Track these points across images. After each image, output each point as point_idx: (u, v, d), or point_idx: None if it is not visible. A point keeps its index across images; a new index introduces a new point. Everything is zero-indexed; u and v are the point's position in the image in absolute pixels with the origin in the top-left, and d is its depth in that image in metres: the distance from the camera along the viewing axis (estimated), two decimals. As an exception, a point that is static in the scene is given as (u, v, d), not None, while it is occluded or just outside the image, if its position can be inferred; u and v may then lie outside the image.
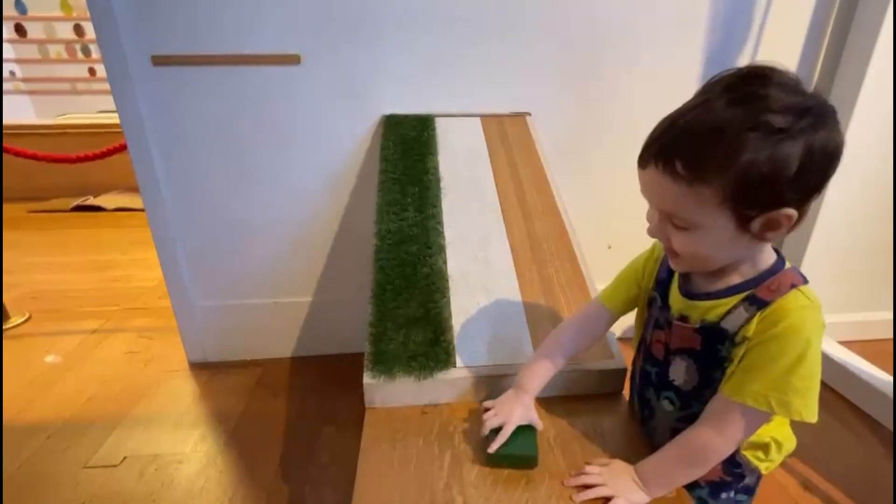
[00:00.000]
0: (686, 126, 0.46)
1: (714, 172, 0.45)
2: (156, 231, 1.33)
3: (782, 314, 0.49)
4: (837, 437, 1.22)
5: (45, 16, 3.88)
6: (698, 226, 0.48)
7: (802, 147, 0.43)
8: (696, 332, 0.55)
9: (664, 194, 0.49)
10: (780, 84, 0.44)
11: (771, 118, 0.43)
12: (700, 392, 0.56)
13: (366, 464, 0.63)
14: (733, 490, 0.61)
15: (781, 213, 0.46)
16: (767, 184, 0.44)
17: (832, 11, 1.31)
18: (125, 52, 1.15)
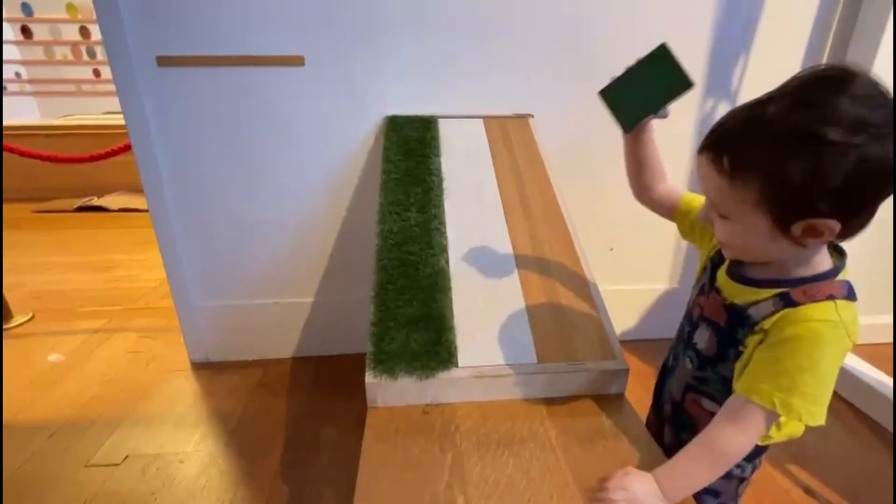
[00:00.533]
0: (742, 122, 0.47)
1: (753, 173, 0.45)
2: (159, 231, 1.34)
3: (803, 318, 0.49)
4: (840, 441, 1.22)
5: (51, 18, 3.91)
6: (736, 220, 0.50)
7: (852, 162, 0.41)
8: (724, 308, 0.57)
9: (709, 184, 0.50)
10: (852, 92, 0.42)
11: (825, 130, 0.41)
12: (714, 361, 0.59)
13: (367, 463, 0.63)
14: None
15: (823, 223, 0.44)
16: (803, 193, 0.43)
17: (835, 16, 1.31)
18: (130, 53, 1.16)
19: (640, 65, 0.66)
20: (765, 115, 0.45)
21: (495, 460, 0.63)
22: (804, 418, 0.50)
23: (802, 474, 1.10)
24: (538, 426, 0.68)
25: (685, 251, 1.56)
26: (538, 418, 0.70)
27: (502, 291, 0.85)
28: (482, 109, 1.30)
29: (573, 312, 0.83)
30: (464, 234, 0.96)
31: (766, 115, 0.45)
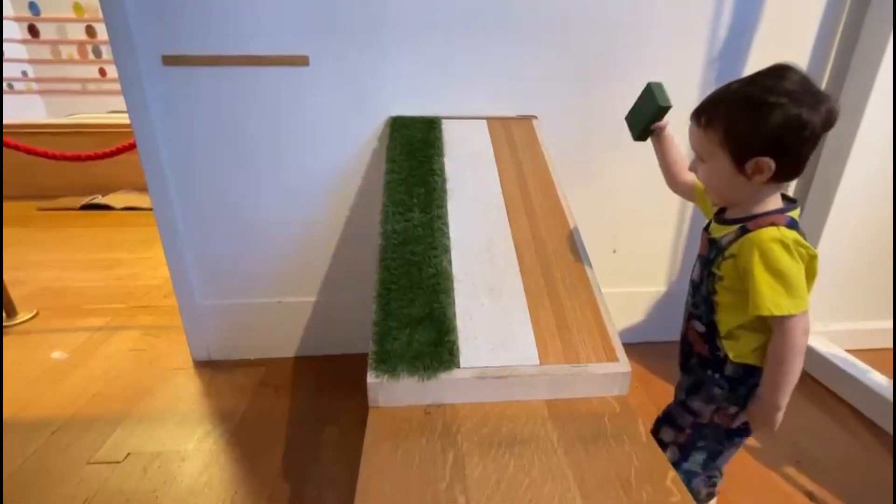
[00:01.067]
0: (714, 94, 0.69)
1: (719, 123, 0.66)
2: (163, 229, 1.34)
3: (752, 238, 0.67)
4: (842, 445, 1.21)
5: (58, 17, 3.94)
6: (709, 158, 0.69)
7: (780, 117, 0.62)
8: (707, 242, 0.76)
9: (693, 137, 0.71)
10: (785, 76, 0.63)
11: (765, 95, 0.62)
12: (699, 286, 0.77)
13: (368, 463, 0.63)
14: (717, 372, 0.77)
15: (763, 160, 0.64)
16: (750, 137, 0.64)
17: (839, 22, 1.31)
18: (136, 52, 1.16)
19: (640, 96, 0.92)
20: (729, 88, 0.67)
21: (497, 461, 0.63)
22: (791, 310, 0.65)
23: (804, 479, 1.10)
24: (540, 427, 0.68)
25: (689, 255, 1.56)
26: (540, 420, 0.70)
27: (505, 292, 0.85)
28: (486, 110, 1.30)
29: (576, 314, 0.83)
30: (467, 234, 0.96)
31: (730, 88, 0.67)
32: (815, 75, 1.37)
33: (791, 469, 1.12)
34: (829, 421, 1.30)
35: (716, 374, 0.76)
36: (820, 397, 1.39)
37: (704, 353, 0.78)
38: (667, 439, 0.84)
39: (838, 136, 1.38)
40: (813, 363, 1.48)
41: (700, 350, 0.78)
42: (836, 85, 1.37)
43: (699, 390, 0.79)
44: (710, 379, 0.77)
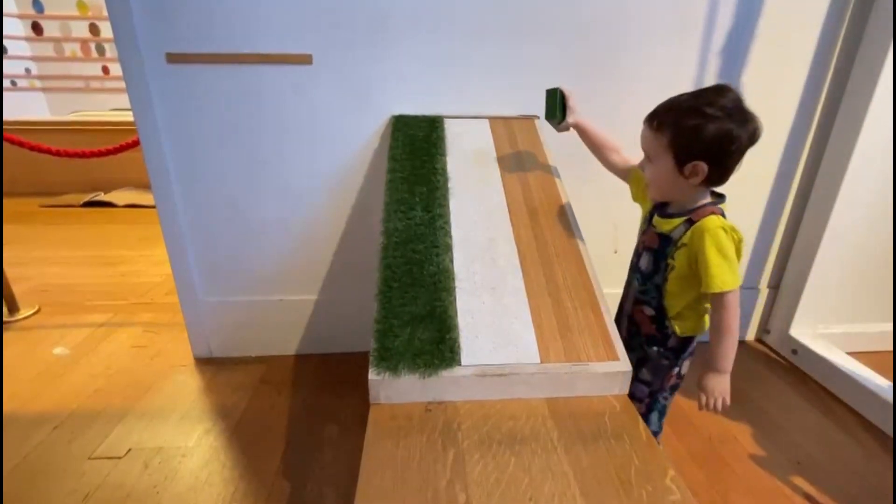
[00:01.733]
0: (665, 104, 0.80)
1: (666, 128, 0.78)
2: (165, 226, 1.35)
3: (700, 226, 0.79)
4: (843, 449, 1.21)
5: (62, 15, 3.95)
6: (656, 158, 0.81)
7: (715, 127, 0.73)
8: (657, 236, 0.85)
9: (645, 138, 0.82)
10: (724, 94, 0.75)
11: (705, 108, 0.74)
12: (651, 276, 0.87)
13: (369, 460, 0.63)
14: (661, 347, 0.89)
15: (699, 165, 0.76)
16: (691, 143, 0.75)
17: (842, 24, 1.31)
18: (140, 49, 1.17)
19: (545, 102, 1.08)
20: (679, 99, 0.78)
21: (497, 459, 0.63)
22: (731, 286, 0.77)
23: (804, 481, 1.10)
24: (540, 426, 0.69)
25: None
26: (540, 418, 0.70)
27: (506, 291, 0.85)
28: (488, 110, 1.30)
29: (577, 313, 0.83)
30: (468, 233, 0.96)
31: (680, 98, 0.78)
32: (817, 78, 1.37)
33: (791, 471, 1.12)
34: (829, 423, 1.29)
35: (661, 349, 0.89)
36: (820, 399, 1.39)
37: (652, 333, 0.90)
38: None
39: (839, 140, 1.38)
40: (813, 365, 1.48)
41: (648, 330, 0.90)
42: (837, 88, 1.37)
43: (645, 364, 0.91)
44: (656, 353, 0.90)
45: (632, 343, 0.90)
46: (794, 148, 1.45)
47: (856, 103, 1.33)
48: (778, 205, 1.52)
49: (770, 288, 1.63)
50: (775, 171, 1.47)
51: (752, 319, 1.66)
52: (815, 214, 1.47)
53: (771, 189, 1.49)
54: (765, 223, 1.54)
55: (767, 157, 1.45)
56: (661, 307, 0.86)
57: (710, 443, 1.21)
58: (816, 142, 1.44)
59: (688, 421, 1.28)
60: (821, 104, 1.40)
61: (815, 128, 1.43)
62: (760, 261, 1.60)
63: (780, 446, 1.20)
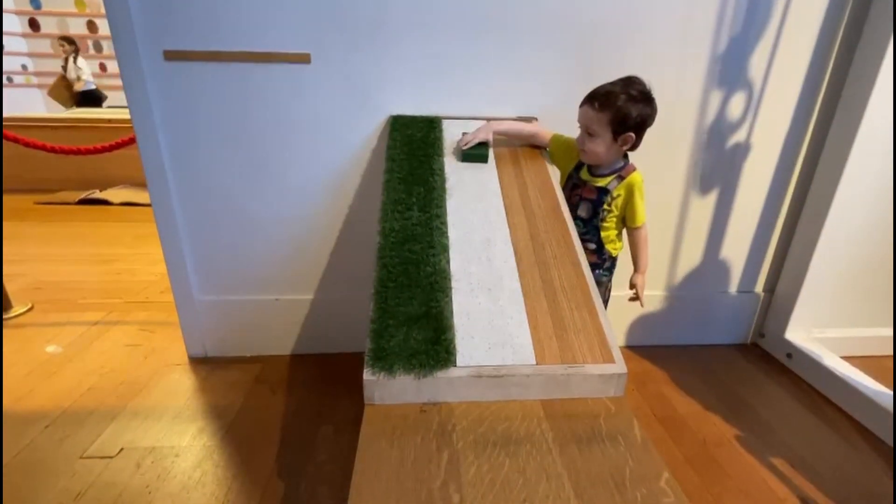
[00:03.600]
0: (603, 90, 1.03)
1: (608, 108, 1.01)
2: (161, 225, 1.34)
3: (630, 180, 1.08)
4: (837, 452, 1.21)
5: (59, 11, 3.94)
6: (598, 134, 1.04)
7: (640, 108, 1.01)
8: (595, 189, 1.10)
9: (588, 117, 1.05)
10: (640, 83, 1.03)
11: (632, 92, 1.01)
12: (591, 220, 1.13)
13: (363, 460, 0.63)
14: (601, 269, 1.17)
15: (629, 135, 1.03)
16: (624, 118, 1.01)
17: (841, 23, 1.32)
18: (138, 46, 1.16)
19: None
20: (615, 86, 1.03)
21: (491, 460, 0.63)
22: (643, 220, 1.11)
23: (798, 485, 1.10)
24: (535, 427, 0.68)
25: (686, 259, 1.56)
26: (535, 419, 0.70)
27: (502, 292, 0.85)
28: (486, 111, 1.30)
29: (573, 315, 0.83)
30: (465, 234, 0.96)
31: (616, 85, 1.03)
32: (814, 82, 1.37)
33: (785, 474, 1.13)
34: (823, 427, 1.30)
35: (601, 271, 1.17)
36: (814, 403, 1.39)
37: (594, 260, 1.16)
38: None
39: (836, 144, 1.39)
40: (808, 369, 1.48)
41: (591, 259, 1.14)
42: (834, 93, 1.38)
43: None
44: (598, 275, 1.16)
45: None
46: (791, 153, 1.46)
47: (852, 108, 1.34)
48: (774, 209, 1.53)
49: (765, 292, 1.64)
50: (771, 176, 1.48)
51: (748, 323, 1.67)
52: (811, 219, 1.47)
53: (767, 193, 1.50)
54: (760, 227, 1.55)
55: (763, 162, 1.46)
56: (599, 240, 1.14)
57: (704, 446, 1.21)
58: (812, 146, 1.45)
59: (682, 424, 1.28)
60: (817, 109, 1.41)
61: (811, 132, 1.44)
62: (756, 265, 1.61)
63: (774, 449, 1.20)
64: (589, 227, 1.13)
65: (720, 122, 1.39)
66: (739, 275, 1.61)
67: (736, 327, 1.67)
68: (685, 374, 1.50)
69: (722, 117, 1.38)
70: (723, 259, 1.58)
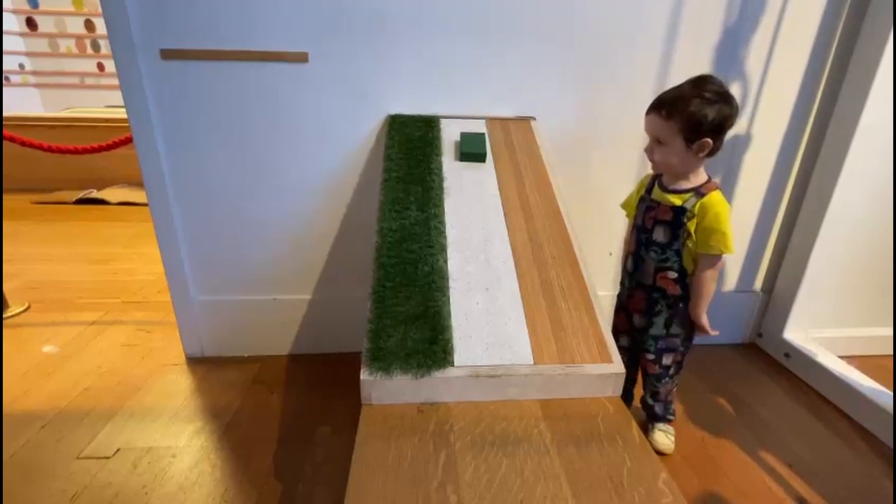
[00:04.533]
0: (669, 95, 0.95)
1: (678, 115, 0.92)
2: (158, 224, 1.34)
3: (710, 200, 0.96)
4: (835, 452, 1.21)
5: (57, 10, 3.92)
6: (668, 143, 0.95)
7: (716, 110, 0.90)
8: (670, 209, 0.99)
9: (655, 126, 0.96)
10: (713, 82, 0.93)
11: (705, 94, 0.91)
12: (671, 244, 1.01)
13: (360, 461, 0.63)
14: (682, 302, 1.05)
15: (706, 141, 0.92)
16: (698, 123, 0.91)
17: (839, 22, 1.32)
18: (135, 45, 1.16)
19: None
20: (682, 90, 0.93)
21: (489, 461, 0.63)
22: (729, 249, 0.96)
23: (795, 485, 1.10)
24: (533, 427, 0.68)
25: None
26: (533, 419, 0.70)
27: (500, 292, 0.85)
28: (485, 111, 1.30)
29: (571, 315, 0.83)
30: (463, 233, 0.96)
31: (683, 90, 0.94)
32: (812, 81, 1.37)
33: (783, 473, 1.13)
34: (820, 426, 1.30)
35: (683, 304, 1.05)
36: (812, 403, 1.39)
37: (677, 293, 1.04)
38: (668, 362, 1.10)
39: (834, 143, 1.39)
40: (806, 369, 1.48)
41: (674, 291, 1.04)
42: (833, 91, 1.38)
43: (674, 319, 1.06)
44: (682, 308, 1.05)
45: (657, 308, 1.06)
46: (789, 151, 1.46)
47: (851, 107, 1.34)
48: (772, 208, 1.53)
49: (763, 291, 1.64)
50: (769, 175, 1.48)
51: (745, 322, 1.67)
52: (809, 218, 1.47)
53: (765, 192, 1.50)
54: (759, 226, 1.55)
55: (762, 161, 1.46)
56: (681, 268, 1.01)
57: (702, 445, 1.21)
58: (811, 146, 1.45)
59: (680, 424, 1.28)
60: (815, 107, 1.41)
61: (809, 132, 1.44)
62: (754, 264, 1.61)
63: (771, 449, 1.20)
64: (669, 252, 1.00)
65: (718, 122, 1.39)
66: (737, 274, 1.61)
67: (734, 327, 1.67)
68: (683, 374, 1.50)
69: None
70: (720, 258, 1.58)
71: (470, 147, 1.14)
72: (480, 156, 1.14)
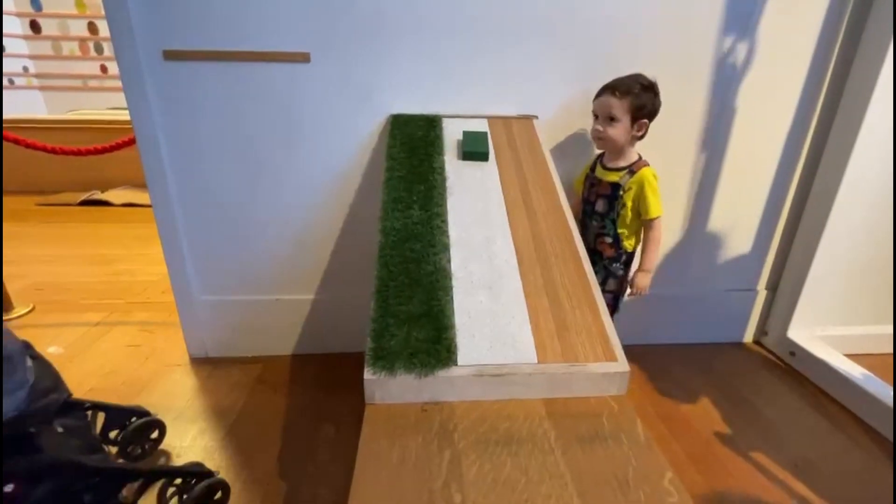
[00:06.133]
0: (620, 80, 1.14)
1: (629, 96, 1.11)
2: (161, 225, 1.34)
3: (641, 175, 1.16)
4: (841, 451, 1.20)
5: (60, 13, 3.94)
6: (619, 119, 1.13)
7: (651, 97, 1.12)
8: (609, 185, 1.18)
9: (611, 104, 1.13)
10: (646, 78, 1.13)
11: (644, 83, 1.12)
12: (608, 214, 1.20)
13: (364, 460, 0.62)
14: (619, 262, 1.24)
15: (644, 122, 1.13)
16: (642, 107, 1.12)
17: (841, 24, 1.31)
18: (137, 46, 1.16)
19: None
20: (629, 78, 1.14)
21: (493, 460, 0.62)
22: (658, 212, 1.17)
23: (801, 484, 1.09)
24: (537, 426, 0.68)
25: (688, 257, 1.55)
26: (537, 419, 0.69)
27: (503, 291, 0.85)
28: (487, 109, 1.30)
29: (574, 313, 0.82)
30: (466, 232, 0.96)
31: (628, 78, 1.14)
32: (816, 80, 1.37)
33: (788, 473, 1.12)
34: (826, 425, 1.29)
35: (618, 264, 1.24)
36: (818, 401, 1.38)
37: (612, 255, 1.23)
38: None
39: (837, 142, 1.38)
40: (811, 367, 1.48)
41: (609, 253, 1.23)
42: (836, 90, 1.37)
43: (609, 278, 1.25)
44: (616, 268, 1.24)
45: (596, 268, 1.20)
46: (793, 150, 1.45)
47: (854, 105, 1.33)
48: (776, 206, 1.52)
49: (768, 290, 1.63)
50: (773, 173, 1.47)
51: (750, 321, 1.66)
52: (814, 216, 1.47)
53: (769, 190, 1.49)
54: (763, 225, 1.54)
55: (765, 159, 1.45)
56: (616, 235, 1.20)
57: (707, 444, 1.20)
58: (814, 144, 1.44)
59: (685, 423, 1.27)
60: (819, 106, 1.40)
61: (813, 130, 1.43)
62: (758, 262, 1.60)
63: (777, 448, 1.19)
64: (605, 221, 1.20)
65: (721, 121, 1.38)
66: (742, 273, 1.61)
67: (738, 325, 1.67)
68: (687, 373, 1.49)
69: (723, 115, 1.38)
70: (725, 257, 1.57)
71: (472, 146, 1.14)
72: (483, 155, 1.14)
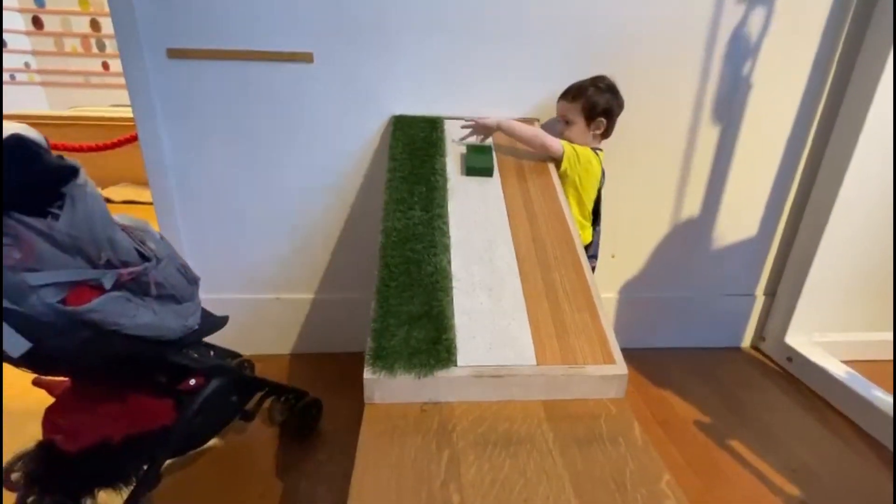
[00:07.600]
0: (573, 86, 1.20)
1: (580, 98, 1.17)
2: (162, 223, 1.34)
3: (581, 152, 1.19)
4: (838, 457, 1.21)
5: (63, 10, 3.95)
6: (574, 122, 1.18)
7: (606, 98, 1.17)
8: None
9: (565, 108, 1.20)
10: (605, 80, 1.19)
11: (599, 85, 1.17)
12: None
13: (363, 460, 0.63)
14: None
15: (601, 121, 1.18)
16: (594, 106, 1.16)
17: (843, 28, 1.32)
18: (141, 44, 1.17)
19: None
20: (582, 82, 1.19)
21: (492, 460, 0.63)
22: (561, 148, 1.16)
23: (799, 489, 1.09)
24: (536, 428, 0.68)
25: (686, 262, 1.56)
26: (536, 420, 0.70)
27: (503, 292, 0.85)
28: (489, 112, 1.30)
29: (574, 316, 0.83)
30: (467, 234, 0.96)
31: (582, 82, 1.19)
32: (816, 85, 1.37)
33: (786, 478, 1.12)
34: (823, 431, 1.30)
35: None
36: (815, 407, 1.39)
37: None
38: None
39: (837, 148, 1.39)
40: (808, 373, 1.48)
41: None
42: (836, 96, 1.38)
43: None
44: None
45: None
46: (792, 156, 1.46)
47: (854, 111, 1.34)
48: (775, 212, 1.53)
49: (766, 295, 1.63)
50: (772, 179, 1.48)
51: (748, 327, 1.67)
52: (812, 222, 1.47)
53: (768, 197, 1.50)
54: (762, 231, 1.55)
55: (764, 165, 1.46)
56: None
57: (705, 449, 1.21)
58: (814, 150, 1.45)
59: (683, 427, 1.28)
60: (819, 112, 1.41)
61: (812, 137, 1.44)
62: (757, 268, 1.60)
63: (774, 453, 1.20)
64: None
65: (721, 124, 1.39)
66: (740, 278, 1.61)
67: (736, 331, 1.67)
68: (685, 377, 1.49)
69: (722, 118, 1.38)
70: (723, 262, 1.57)
71: (476, 162, 1.13)
72: (487, 170, 1.12)
